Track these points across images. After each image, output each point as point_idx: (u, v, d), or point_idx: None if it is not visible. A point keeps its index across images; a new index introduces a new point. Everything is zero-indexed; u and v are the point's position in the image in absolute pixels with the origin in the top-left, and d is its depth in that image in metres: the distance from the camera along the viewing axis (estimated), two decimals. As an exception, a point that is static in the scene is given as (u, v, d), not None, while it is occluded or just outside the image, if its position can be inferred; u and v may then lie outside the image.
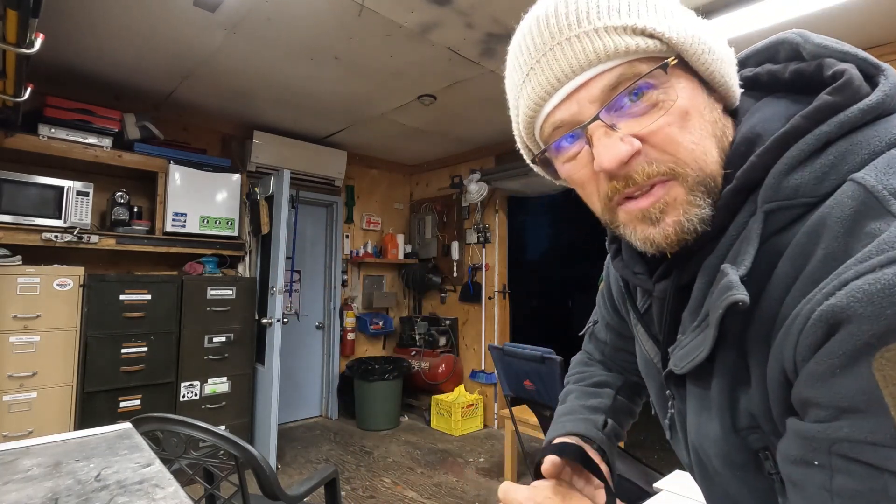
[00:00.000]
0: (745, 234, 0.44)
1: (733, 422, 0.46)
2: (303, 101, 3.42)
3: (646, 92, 0.44)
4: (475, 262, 4.61)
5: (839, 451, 0.34)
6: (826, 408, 0.35)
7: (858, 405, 0.33)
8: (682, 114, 0.44)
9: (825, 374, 0.34)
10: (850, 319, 0.33)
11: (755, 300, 0.42)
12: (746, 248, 0.43)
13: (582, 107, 0.46)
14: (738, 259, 0.43)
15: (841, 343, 0.33)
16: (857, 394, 0.33)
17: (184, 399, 3.12)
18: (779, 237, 0.42)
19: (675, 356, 0.50)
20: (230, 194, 3.52)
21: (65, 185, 2.82)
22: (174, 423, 1.28)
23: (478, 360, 4.56)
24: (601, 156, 0.45)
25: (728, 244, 0.45)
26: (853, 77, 0.43)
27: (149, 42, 2.60)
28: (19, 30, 1.41)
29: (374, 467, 3.44)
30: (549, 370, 2.10)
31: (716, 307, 0.42)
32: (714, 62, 0.46)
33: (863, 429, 0.33)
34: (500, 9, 2.25)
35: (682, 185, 0.45)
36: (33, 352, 2.61)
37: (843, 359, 0.33)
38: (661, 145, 0.44)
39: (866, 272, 0.33)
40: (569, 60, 0.45)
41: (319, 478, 1.54)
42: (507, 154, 4.37)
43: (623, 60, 0.44)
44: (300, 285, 4.56)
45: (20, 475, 0.72)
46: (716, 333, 0.43)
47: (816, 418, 0.36)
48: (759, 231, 0.42)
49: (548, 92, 0.47)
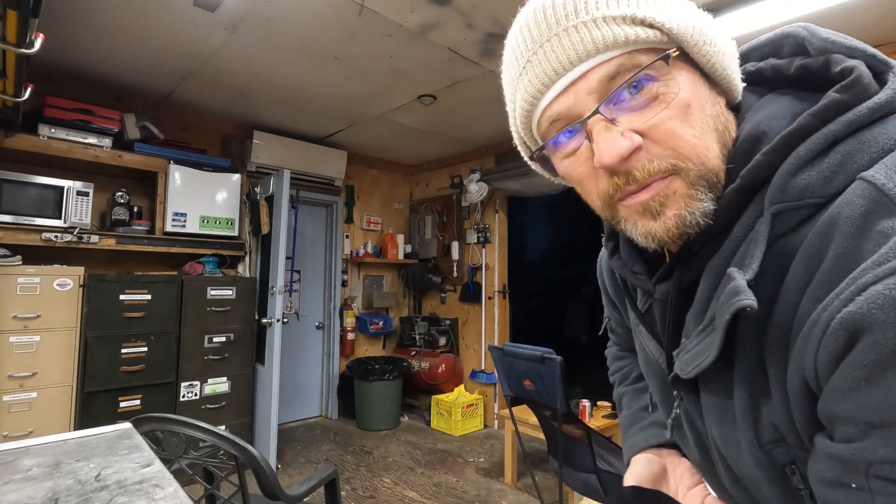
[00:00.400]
0: (751, 237, 0.43)
1: (757, 435, 0.45)
2: (303, 100, 3.42)
3: (646, 85, 0.43)
4: (475, 262, 4.61)
5: (878, 474, 0.33)
6: (854, 423, 0.34)
7: (889, 419, 0.31)
8: (684, 107, 0.43)
9: (851, 388, 0.33)
10: (871, 328, 0.31)
11: (769, 305, 0.41)
12: (754, 250, 0.42)
13: (580, 99, 0.44)
14: (745, 262, 0.42)
15: (865, 353, 0.32)
16: (886, 407, 0.31)
17: (184, 399, 3.12)
18: (787, 239, 0.41)
19: (681, 360, 0.49)
20: (230, 194, 3.52)
21: (65, 185, 2.82)
22: (174, 423, 1.28)
23: (478, 360, 4.56)
24: (601, 151, 0.43)
25: (733, 245, 0.44)
26: (862, 74, 0.41)
27: (149, 42, 2.60)
28: (19, 30, 1.41)
29: (374, 467, 3.44)
30: (549, 370, 2.10)
31: (723, 312, 0.41)
32: (716, 54, 0.45)
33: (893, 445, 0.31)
34: (500, 9, 2.25)
35: (684, 179, 0.43)
36: (33, 352, 2.61)
37: (867, 370, 0.32)
38: (663, 140, 0.43)
39: (885, 276, 0.32)
40: (566, 51, 0.43)
41: (319, 478, 1.54)
42: (507, 154, 4.37)
43: (623, 51, 0.43)
44: (300, 285, 4.56)
45: (20, 475, 0.72)
46: (722, 338, 0.42)
47: (846, 436, 0.35)
48: (766, 233, 0.41)
49: (545, 84, 0.45)
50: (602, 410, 3.12)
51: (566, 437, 2.20)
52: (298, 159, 4.10)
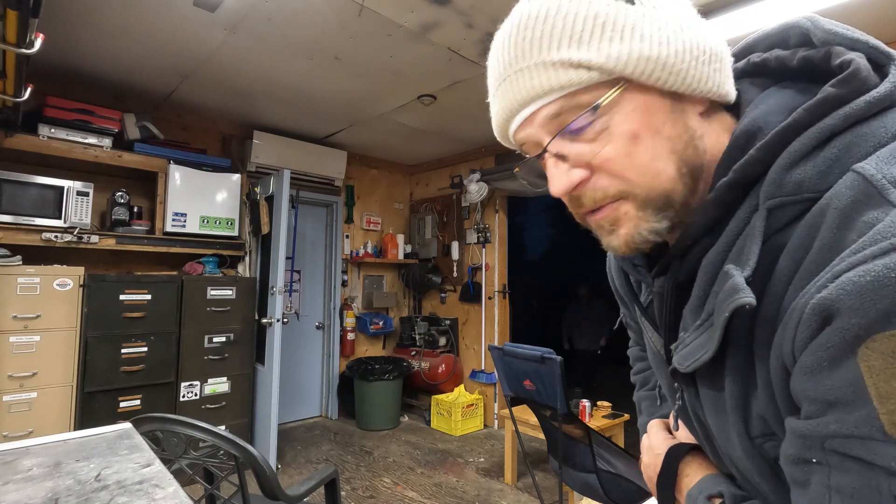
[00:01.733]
0: (747, 232, 0.43)
1: (747, 428, 0.45)
2: (303, 100, 3.42)
3: (587, 127, 0.45)
4: (475, 262, 4.61)
5: (832, 448, 0.34)
6: (815, 402, 0.35)
7: (845, 398, 0.32)
8: (631, 137, 0.44)
9: (815, 368, 0.34)
10: (839, 312, 0.32)
11: (759, 299, 0.41)
12: (751, 246, 0.42)
13: (536, 130, 0.48)
14: (742, 258, 0.42)
15: (830, 336, 0.33)
16: (843, 386, 0.32)
17: (184, 399, 3.12)
18: (782, 234, 0.41)
19: (679, 354, 0.49)
20: (230, 194, 3.52)
21: (65, 185, 2.82)
22: (174, 423, 1.28)
23: (478, 360, 4.56)
24: (551, 184, 0.48)
25: (729, 240, 0.45)
26: (860, 67, 0.41)
27: (149, 42, 2.60)
28: (19, 30, 1.41)
29: (374, 467, 3.44)
30: (549, 370, 2.10)
31: (721, 309, 0.41)
32: (677, 74, 0.44)
33: (849, 423, 0.33)
34: (500, 9, 2.24)
35: (633, 202, 0.46)
36: (33, 352, 2.61)
37: (830, 352, 0.33)
38: (609, 172, 0.46)
39: (858, 264, 0.32)
40: (517, 93, 0.47)
41: (319, 478, 1.54)
42: (507, 154, 4.37)
43: (561, 94, 0.45)
44: (300, 285, 4.56)
45: (20, 475, 0.72)
46: (721, 334, 0.42)
47: (808, 414, 0.36)
48: (762, 228, 0.42)
49: (507, 119, 0.49)
50: (602, 410, 3.12)
51: (566, 437, 2.20)
52: (298, 159, 4.10)
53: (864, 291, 0.31)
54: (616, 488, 2.05)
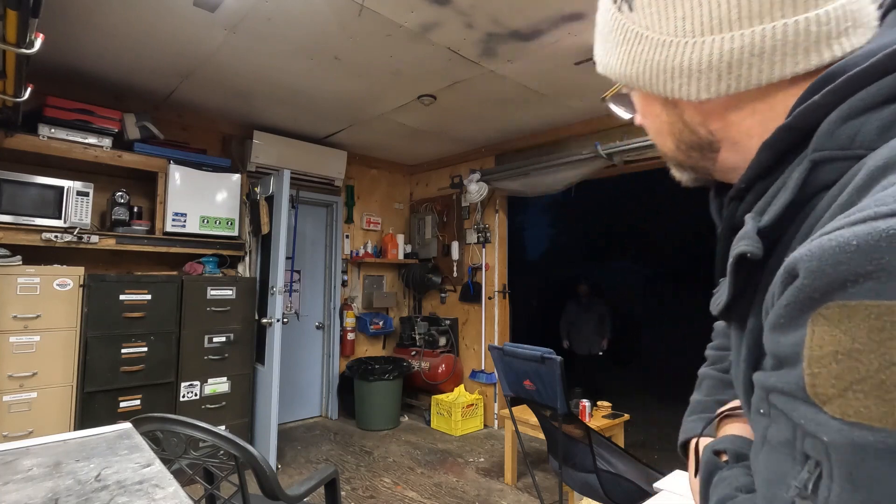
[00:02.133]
0: (781, 182, 0.40)
1: (746, 381, 0.45)
2: (303, 100, 3.42)
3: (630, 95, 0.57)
4: (475, 262, 4.61)
5: (771, 401, 0.35)
6: (771, 356, 0.35)
7: (792, 356, 0.32)
8: (642, 115, 0.55)
9: (774, 325, 0.34)
10: (800, 272, 0.31)
11: (770, 253, 0.39)
12: (780, 197, 0.39)
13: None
14: (767, 208, 0.41)
15: (788, 295, 0.32)
16: (793, 345, 0.32)
17: (184, 399, 3.12)
18: (826, 193, 0.37)
19: (713, 299, 0.50)
20: (230, 194, 3.52)
21: (65, 185, 2.82)
22: (174, 423, 1.28)
23: (478, 360, 4.56)
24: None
25: (763, 190, 0.42)
26: None
27: (149, 42, 2.60)
28: (19, 30, 1.41)
29: (374, 467, 3.44)
30: (549, 370, 2.10)
31: (731, 256, 0.41)
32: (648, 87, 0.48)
33: (782, 378, 0.33)
34: (500, 9, 2.25)
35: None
36: (33, 352, 2.61)
37: (787, 310, 0.32)
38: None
39: (837, 228, 0.30)
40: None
41: (319, 478, 1.54)
42: (507, 154, 4.37)
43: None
44: (300, 285, 4.56)
45: (20, 475, 0.72)
46: (732, 281, 0.42)
47: (764, 367, 0.37)
48: (798, 180, 0.38)
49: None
50: (602, 410, 3.12)
51: (566, 437, 2.20)
52: (298, 159, 4.10)
53: (826, 255, 0.30)
54: (616, 488, 2.05)
